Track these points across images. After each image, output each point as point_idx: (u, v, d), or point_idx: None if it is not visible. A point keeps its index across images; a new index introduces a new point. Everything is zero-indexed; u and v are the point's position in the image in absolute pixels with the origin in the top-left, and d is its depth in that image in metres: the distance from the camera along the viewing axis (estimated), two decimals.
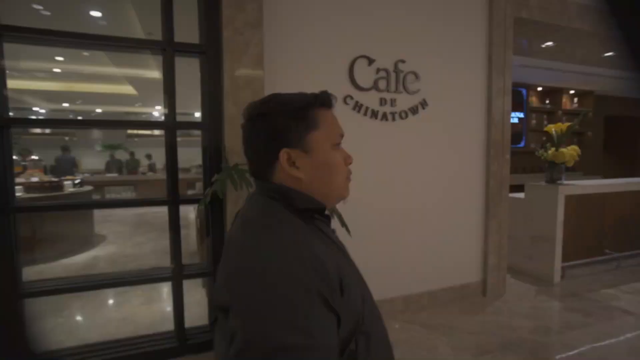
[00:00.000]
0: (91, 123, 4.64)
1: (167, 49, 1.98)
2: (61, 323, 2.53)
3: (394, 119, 2.55)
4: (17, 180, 4.24)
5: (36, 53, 4.64)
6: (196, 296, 2.81)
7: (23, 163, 5.80)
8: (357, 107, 2.44)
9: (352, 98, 2.42)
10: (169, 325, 2.20)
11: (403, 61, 2.54)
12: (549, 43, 3.64)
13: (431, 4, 2.60)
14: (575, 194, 3.32)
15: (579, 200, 3.38)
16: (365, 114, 2.46)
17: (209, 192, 1.83)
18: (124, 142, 8.93)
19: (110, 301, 2.93)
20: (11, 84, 6.23)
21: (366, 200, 2.49)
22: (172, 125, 2.05)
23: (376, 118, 2.49)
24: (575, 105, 7.32)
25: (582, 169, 7.39)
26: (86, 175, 7.48)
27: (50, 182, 4.16)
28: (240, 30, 1.96)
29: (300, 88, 2.45)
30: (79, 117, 8.90)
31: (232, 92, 1.97)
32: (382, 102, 2.51)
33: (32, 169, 5.27)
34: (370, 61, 2.45)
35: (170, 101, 2.03)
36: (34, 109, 8.00)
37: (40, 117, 8.36)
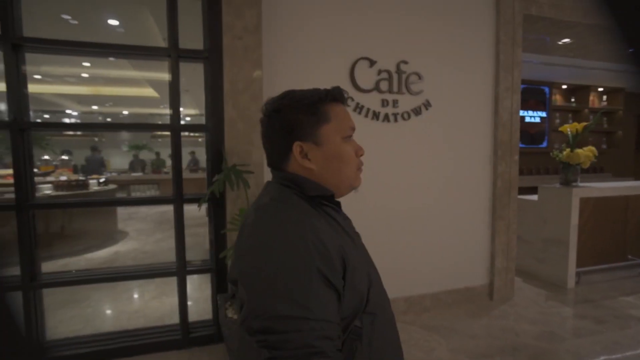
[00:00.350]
0: (99, 126, 5.02)
1: (172, 55, 2.08)
2: (80, 313, 2.70)
3: (395, 120, 2.55)
4: (48, 179, 4.55)
5: (65, 59, 4.94)
6: (206, 292, 2.91)
7: (54, 163, 6.21)
8: (358, 108, 2.46)
9: (352, 100, 2.44)
10: (177, 319, 2.31)
11: (405, 62, 2.54)
12: (566, 40, 3.51)
13: (434, 3, 2.58)
14: (592, 196, 3.19)
15: (597, 203, 3.24)
16: (366, 116, 2.48)
17: (208, 192, 1.92)
18: (148, 142, 9.34)
19: (126, 294, 3.09)
20: (47, 88, 6.67)
21: (368, 200, 2.51)
22: (176, 128, 2.15)
23: (377, 119, 2.51)
24: (604, 103, 6.98)
25: (612, 170, 7.04)
26: (113, 174, 7.87)
27: (77, 180, 4.43)
28: (239, 35, 2.03)
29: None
30: (108, 119, 9.40)
31: (231, 95, 2.05)
32: (384, 103, 2.52)
33: (62, 168, 5.62)
34: (372, 63, 2.47)
35: (174, 104, 2.13)
36: (67, 111, 8.52)
37: (55, 121, 8.87)
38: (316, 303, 0.59)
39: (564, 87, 6.56)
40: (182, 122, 2.14)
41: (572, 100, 6.67)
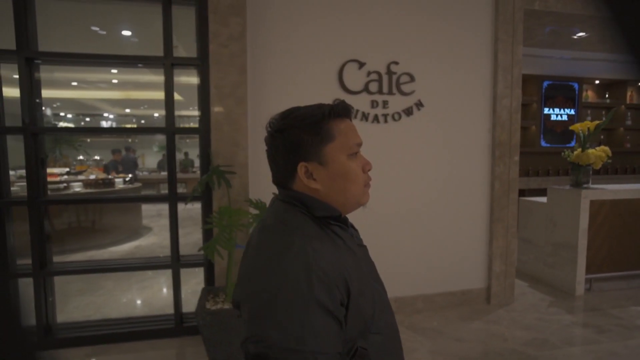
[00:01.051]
0: (103, 130, 5.76)
1: (166, 63, 2.24)
2: (94, 300, 2.95)
3: (386, 121, 2.56)
4: (79, 177, 4.96)
5: (95, 67, 5.36)
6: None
7: (89, 163, 6.73)
8: None
9: None
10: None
11: (396, 63, 2.54)
12: (582, 34, 3.32)
13: (427, 1, 2.56)
14: (606, 199, 3.01)
15: (615, 205, 3.05)
16: (355, 117, 2.51)
17: (193, 191, 2.05)
18: (177, 143, 9.86)
19: (138, 285, 3.32)
20: (83, 94, 7.23)
21: None
22: (171, 131, 2.30)
23: (367, 120, 2.53)
24: None
25: None
26: (144, 173, 8.37)
27: (103, 179, 4.78)
28: (225, 43, 2.15)
29: (287, 94, 2.60)
30: (142, 121, 10.01)
31: (217, 99, 2.17)
32: (374, 104, 2.54)
33: (94, 167, 6.10)
34: (361, 64, 2.49)
35: (169, 109, 2.28)
36: (105, 114, 9.19)
37: (62, 126, 9.60)
38: (312, 335, 0.59)
39: (597, 82, 6.15)
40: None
41: (607, 96, 6.24)
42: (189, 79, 6.19)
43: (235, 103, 2.18)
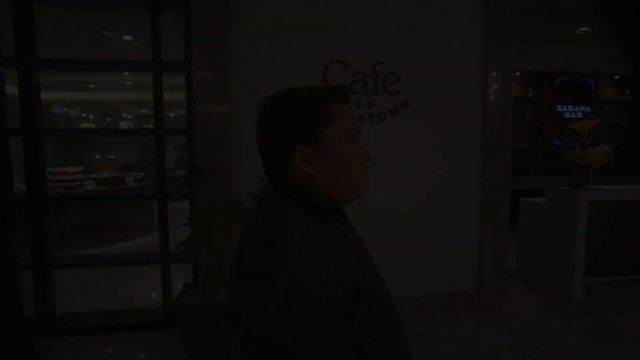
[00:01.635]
0: (90, 132, 6.25)
1: (155, 67, 2.33)
2: (96, 292, 3.10)
3: (371, 121, 2.56)
4: (92, 175, 5.20)
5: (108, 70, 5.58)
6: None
7: (104, 162, 7.04)
8: None
9: None
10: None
11: (381, 62, 2.54)
12: (584, 28, 3.20)
13: None
14: (609, 200, 2.89)
15: (619, 207, 2.93)
16: None
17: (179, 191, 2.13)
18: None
19: (139, 279, 3.45)
20: (100, 96, 7.54)
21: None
22: (160, 132, 2.40)
23: None
24: None
25: None
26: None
27: (114, 177, 5.00)
28: (208, 46, 2.21)
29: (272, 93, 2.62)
30: None
31: (200, 101, 2.24)
32: (358, 104, 2.54)
33: (109, 166, 6.38)
34: (346, 65, 2.51)
35: (158, 111, 2.38)
36: (123, 115, 9.56)
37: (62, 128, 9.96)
38: (330, 340, 0.54)
39: (616, 77, 5.87)
40: None
41: (627, 92, 5.95)
42: None
43: (217, 105, 2.24)
